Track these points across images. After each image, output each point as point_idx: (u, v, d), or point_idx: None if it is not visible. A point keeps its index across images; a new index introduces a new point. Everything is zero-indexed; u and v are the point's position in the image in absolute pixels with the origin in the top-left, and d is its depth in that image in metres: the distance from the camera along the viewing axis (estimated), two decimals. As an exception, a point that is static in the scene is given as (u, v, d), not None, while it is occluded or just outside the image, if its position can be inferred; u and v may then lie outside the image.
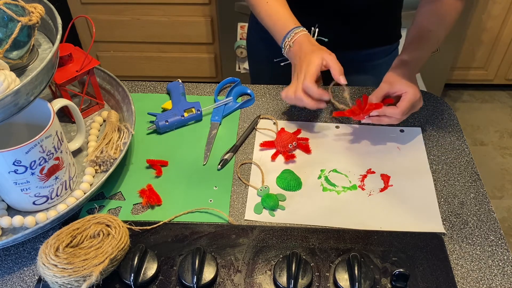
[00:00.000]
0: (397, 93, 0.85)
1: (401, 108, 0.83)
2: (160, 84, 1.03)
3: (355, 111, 0.86)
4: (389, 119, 0.85)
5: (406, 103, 0.83)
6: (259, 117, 0.94)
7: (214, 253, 0.70)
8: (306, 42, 0.87)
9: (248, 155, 0.87)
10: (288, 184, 0.81)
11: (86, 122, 0.91)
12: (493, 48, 2.21)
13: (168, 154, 0.87)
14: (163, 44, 2.17)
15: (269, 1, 0.92)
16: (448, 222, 0.75)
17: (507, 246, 0.72)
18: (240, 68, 2.13)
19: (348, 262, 0.67)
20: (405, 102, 0.83)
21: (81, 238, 0.66)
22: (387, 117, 0.85)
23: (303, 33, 0.88)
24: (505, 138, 2.22)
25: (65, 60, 0.86)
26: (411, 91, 0.83)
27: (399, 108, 0.83)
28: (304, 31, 0.88)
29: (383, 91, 0.86)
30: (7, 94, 0.62)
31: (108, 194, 0.81)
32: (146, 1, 2.01)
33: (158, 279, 0.67)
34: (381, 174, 0.83)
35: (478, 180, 0.82)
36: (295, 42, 0.87)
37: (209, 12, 2.04)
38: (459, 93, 2.46)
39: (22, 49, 0.72)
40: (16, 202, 0.75)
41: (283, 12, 0.91)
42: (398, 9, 1.08)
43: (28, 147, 0.68)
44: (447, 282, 0.67)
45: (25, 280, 0.69)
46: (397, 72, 0.87)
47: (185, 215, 0.77)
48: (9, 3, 0.69)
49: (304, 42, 0.87)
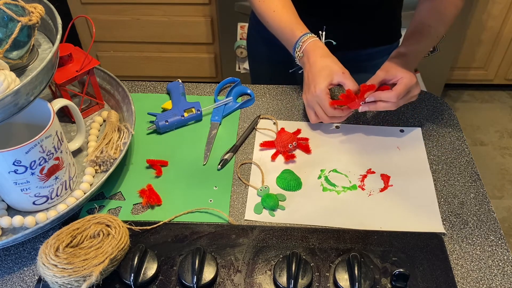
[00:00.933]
0: (393, 80, 0.85)
1: (397, 91, 0.83)
2: (160, 84, 1.03)
3: (350, 96, 0.85)
4: (385, 104, 0.84)
5: (402, 86, 0.83)
6: (259, 117, 0.94)
7: (214, 253, 0.70)
8: (313, 53, 0.87)
9: (248, 155, 0.87)
10: (288, 184, 0.81)
11: (86, 122, 0.91)
12: (493, 48, 2.21)
13: (168, 154, 0.87)
14: (163, 44, 2.17)
15: (276, 9, 0.92)
16: (448, 222, 0.75)
17: (507, 246, 0.72)
18: (240, 68, 2.13)
19: (348, 262, 0.67)
20: (401, 86, 0.83)
21: (81, 238, 0.66)
22: (383, 101, 0.84)
23: (311, 40, 0.87)
24: (505, 138, 2.22)
25: (65, 60, 0.86)
26: (407, 76, 0.84)
27: (394, 91, 0.83)
28: (313, 37, 0.88)
29: (379, 78, 0.86)
30: (7, 94, 0.62)
31: (108, 194, 0.81)
32: (146, 1, 2.01)
33: (158, 279, 0.67)
34: (381, 174, 0.83)
35: (478, 180, 0.82)
36: (304, 52, 0.88)
37: (209, 12, 2.04)
38: (459, 93, 2.46)
39: (22, 49, 0.72)
40: (16, 202, 0.75)
41: (289, 20, 0.91)
42: (398, 9, 1.08)
43: (28, 147, 0.68)
44: (447, 282, 0.67)
45: (25, 280, 0.69)
46: (394, 61, 0.87)
47: (185, 215, 0.77)
48: (9, 3, 0.69)
49: (311, 52, 0.87)
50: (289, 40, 0.91)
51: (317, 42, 0.88)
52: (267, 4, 0.93)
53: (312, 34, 0.88)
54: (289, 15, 0.91)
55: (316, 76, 0.85)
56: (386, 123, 0.93)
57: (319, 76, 0.85)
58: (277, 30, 0.93)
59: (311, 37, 0.88)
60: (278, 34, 0.93)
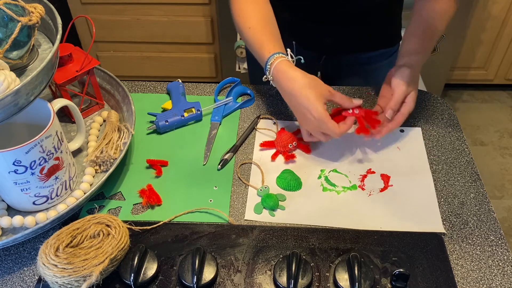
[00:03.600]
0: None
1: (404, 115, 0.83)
2: (160, 84, 1.03)
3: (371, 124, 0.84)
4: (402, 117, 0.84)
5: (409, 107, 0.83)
6: (259, 117, 0.94)
7: (214, 253, 0.70)
8: (283, 75, 0.80)
9: (248, 155, 0.87)
10: (288, 184, 0.81)
11: (86, 122, 0.91)
12: (493, 48, 2.21)
13: (168, 154, 0.87)
14: (163, 44, 2.17)
15: (251, 26, 0.86)
16: (448, 222, 0.75)
17: (507, 246, 0.72)
18: (240, 68, 2.13)
19: (348, 262, 0.67)
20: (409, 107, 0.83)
21: (81, 238, 0.66)
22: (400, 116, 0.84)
23: (278, 61, 0.80)
24: (505, 138, 2.22)
25: (65, 60, 0.86)
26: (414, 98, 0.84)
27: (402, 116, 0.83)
28: (281, 57, 0.81)
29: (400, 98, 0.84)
30: (7, 94, 0.62)
31: (108, 194, 0.81)
32: (146, 1, 2.01)
33: (158, 279, 0.67)
34: (381, 174, 0.83)
35: (478, 180, 0.82)
36: (273, 75, 0.82)
37: (209, 12, 2.04)
38: (459, 93, 2.46)
39: (22, 49, 0.72)
40: (16, 202, 0.75)
41: (260, 39, 0.85)
42: (398, 10, 1.08)
43: (28, 147, 0.68)
44: (447, 282, 0.67)
45: (25, 280, 0.69)
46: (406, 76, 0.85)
47: (185, 215, 0.77)
48: (9, 3, 0.69)
49: (280, 75, 0.80)
50: (261, 61, 0.85)
51: (285, 62, 0.81)
52: (244, 20, 0.87)
53: (280, 54, 0.82)
54: (261, 34, 0.85)
55: (305, 101, 0.78)
56: (386, 123, 0.93)
57: (308, 100, 0.78)
58: (252, 49, 0.87)
59: (279, 57, 0.81)
60: (253, 53, 0.87)
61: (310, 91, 0.78)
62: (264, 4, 0.89)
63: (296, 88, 0.79)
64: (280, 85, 0.82)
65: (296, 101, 0.80)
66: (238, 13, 0.89)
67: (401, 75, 0.84)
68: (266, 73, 0.84)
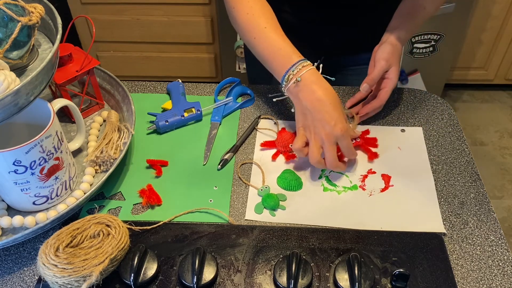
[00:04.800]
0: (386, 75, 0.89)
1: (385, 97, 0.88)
2: (160, 84, 1.03)
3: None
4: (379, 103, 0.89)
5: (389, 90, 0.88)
6: (260, 117, 0.94)
7: (214, 253, 0.70)
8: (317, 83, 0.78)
9: (249, 155, 0.87)
10: (289, 184, 0.81)
11: (86, 122, 0.91)
12: (493, 48, 2.21)
13: (168, 154, 0.87)
14: (163, 44, 2.17)
15: (267, 26, 0.84)
16: (448, 222, 0.75)
17: (507, 246, 0.72)
18: (240, 68, 2.13)
19: (348, 262, 0.67)
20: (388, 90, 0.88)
21: (81, 238, 0.66)
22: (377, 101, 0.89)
23: (309, 68, 0.80)
24: (505, 138, 2.22)
25: (65, 60, 0.86)
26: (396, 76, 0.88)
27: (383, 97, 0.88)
28: (310, 65, 0.80)
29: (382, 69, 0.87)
30: (7, 94, 0.62)
31: (108, 194, 0.81)
32: (146, 1, 2.01)
33: (158, 279, 0.67)
34: (382, 174, 0.83)
35: (478, 180, 0.82)
36: (302, 79, 0.79)
37: (209, 12, 2.04)
38: (459, 93, 2.46)
39: (22, 49, 0.72)
40: (16, 202, 0.75)
41: (283, 43, 0.83)
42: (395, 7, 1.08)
43: (28, 147, 0.68)
44: (447, 282, 0.67)
45: (25, 280, 0.69)
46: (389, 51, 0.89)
47: (185, 215, 0.77)
48: (9, 3, 0.69)
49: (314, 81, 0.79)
50: (280, 63, 0.82)
51: (316, 71, 0.81)
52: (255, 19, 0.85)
53: (309, 62, 0.81)
54: (282, 36, 0.84)
55: (333, 111, 0.77)
56: (387, 123, 0.93)
57: (335, 111, 0.77)
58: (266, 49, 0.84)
59: (309, 65, 0.80)
60: (267, 53, 0.84)
61: (340, 106, 0.79)
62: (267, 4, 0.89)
63: (332, 95, 0.78)
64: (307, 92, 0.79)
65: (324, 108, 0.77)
66: (246, 11, 0.85)
67: (382, 51, 0.88)
68: (284, 78, 0.81)
